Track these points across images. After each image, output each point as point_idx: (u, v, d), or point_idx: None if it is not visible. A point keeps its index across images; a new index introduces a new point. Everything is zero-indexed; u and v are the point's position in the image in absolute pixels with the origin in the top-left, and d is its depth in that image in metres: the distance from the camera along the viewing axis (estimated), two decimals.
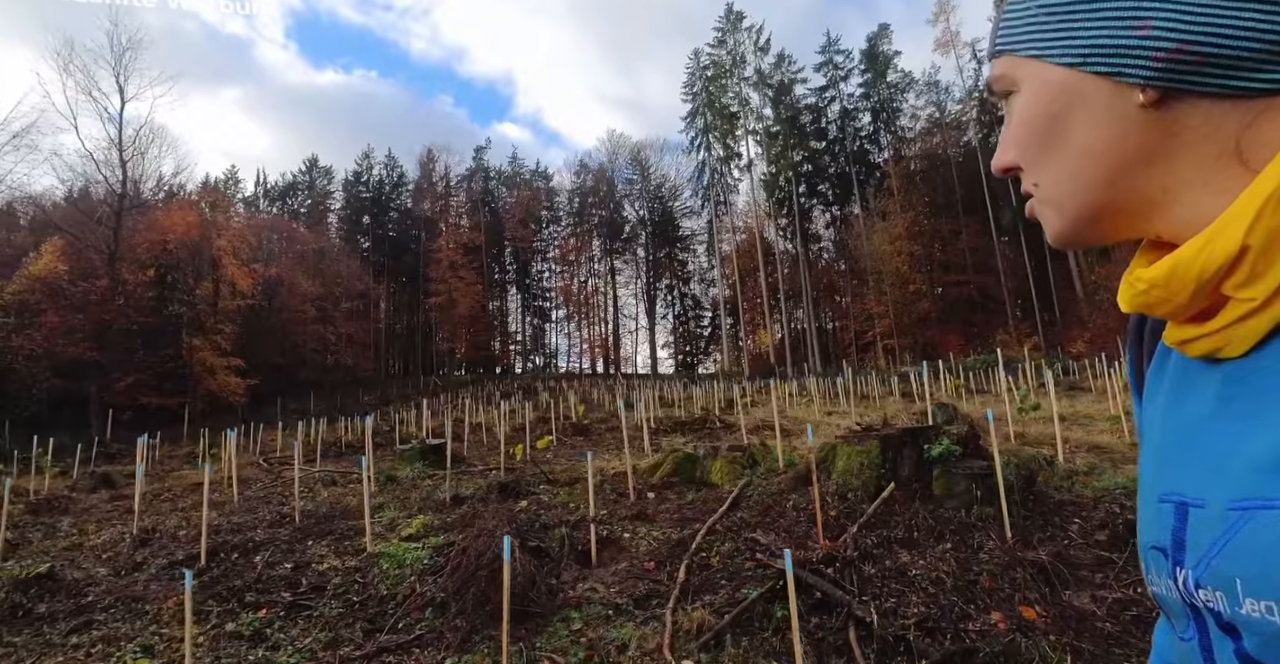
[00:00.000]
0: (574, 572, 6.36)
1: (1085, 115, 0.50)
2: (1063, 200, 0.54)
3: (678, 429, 14.23)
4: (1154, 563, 0.53)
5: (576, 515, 7.58)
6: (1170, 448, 0.53)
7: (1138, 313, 0.58)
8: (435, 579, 6.05)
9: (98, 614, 6.10)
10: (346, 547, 7.16)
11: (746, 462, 8.85)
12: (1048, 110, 0.53)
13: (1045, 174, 0.54)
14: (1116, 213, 0.52)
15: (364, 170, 64.80)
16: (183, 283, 35.68)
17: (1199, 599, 0.47)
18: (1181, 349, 0.52)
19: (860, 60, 50.75)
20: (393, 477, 10.15)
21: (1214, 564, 0.45)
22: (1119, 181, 0.50)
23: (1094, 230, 0.54)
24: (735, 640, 4.67)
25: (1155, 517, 0.52)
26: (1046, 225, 0.56)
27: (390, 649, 5.06)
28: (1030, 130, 0.54)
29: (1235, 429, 0.46)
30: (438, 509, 8.15)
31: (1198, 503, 0.48)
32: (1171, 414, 0.55)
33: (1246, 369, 0.47)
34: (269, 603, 5.97)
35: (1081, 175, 0.51)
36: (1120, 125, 0.49)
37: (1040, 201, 0.56)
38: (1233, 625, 0.44)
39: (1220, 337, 0.48)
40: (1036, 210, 0.57)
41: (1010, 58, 0.55)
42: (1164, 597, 0.52)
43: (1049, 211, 0.55)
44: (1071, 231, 0.55)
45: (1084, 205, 0.53)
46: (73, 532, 8.73)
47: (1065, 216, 0.54)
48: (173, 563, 7.04)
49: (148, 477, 14.81)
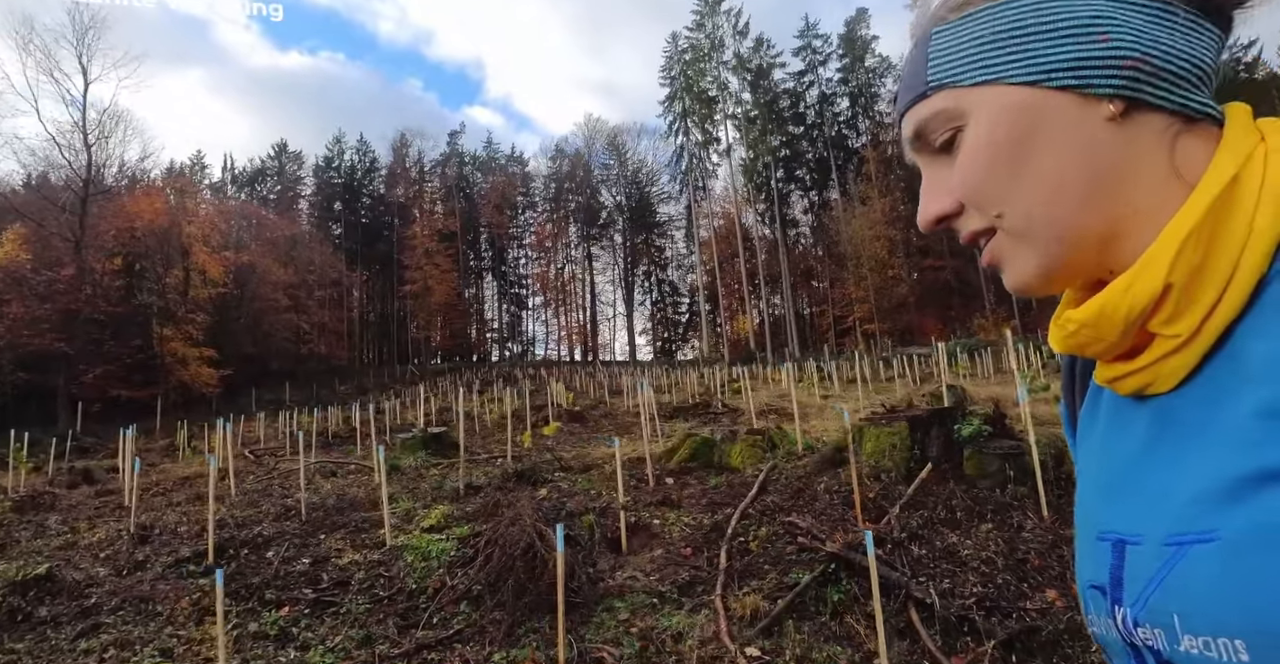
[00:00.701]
0: (609, 560, 6.19)
1: (1053, 134, 0.48)
2: (1036, 231, 0.50)
3: (678, 414, 14.07)
4: (1093, 602, 0.52)
5: (601, 502, 7.39)
6: (1106, 486, 0.53)
7: (1068, 353, 0.56)
8: (466, 571, 5.84)
9: (105, 617, 5.78)
10: (364, 539, 6.88)
11: (766, 445, 8.72)
12: (1011, 134, 0.49)
13: (1014, 204, 0.50)
14: (1093, 240, 0.49)
15: (335, 155, 63.37)
16: (151, 271, 34.57)
17: (1138, 638, 0.46)
18: (1112, 387, 0.52)
19: (838, 45, 50.65)
20: (395, 466, 9.83)
21: (1151, 601, 0.44)
22: (1094, 202, 0.48)
23: (1071, 263, 0.50)
24: (796, 626, 4.56)
25: (1093, 555, 0.52)
26: (1018, 265, 0.52)
27: (430, 645, 4.86)
28: (993, 157, 0.50)
29: (1166, 464, 0.46)
30: (453, 499, 7.89)
31: (1135, 540, 0.47)
32: (1105, 452, 0.54)
33: (1174, 405, 0.47)
34: (291, 600, 5.71)
35: (1059, 198, 0.48)
36: (1090, 141, 0.48)
37: (1010, 237, 0.51)
38: (1172, 663, 0.43)
39: (1148, 373, 0.48)
40: (1003, 252, 0.52)
41: (953, 90, 0.52)
42: (1104, 637, 0.51)
43: (1021, 248, 0.51)
44: (1048, 265, 0.50)
45: (1064, 232, 0.49)
46: (64, 529, 8.32)
47: (1039, 250, 0.50)
48: (179, 561, 6.70)
49: (122, 474, 14.29)
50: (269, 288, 45.57)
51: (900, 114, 0.59)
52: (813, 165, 52.52)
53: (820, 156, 51.42)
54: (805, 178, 53.42)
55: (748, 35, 50.99)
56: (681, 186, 56.67)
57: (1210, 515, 0.41)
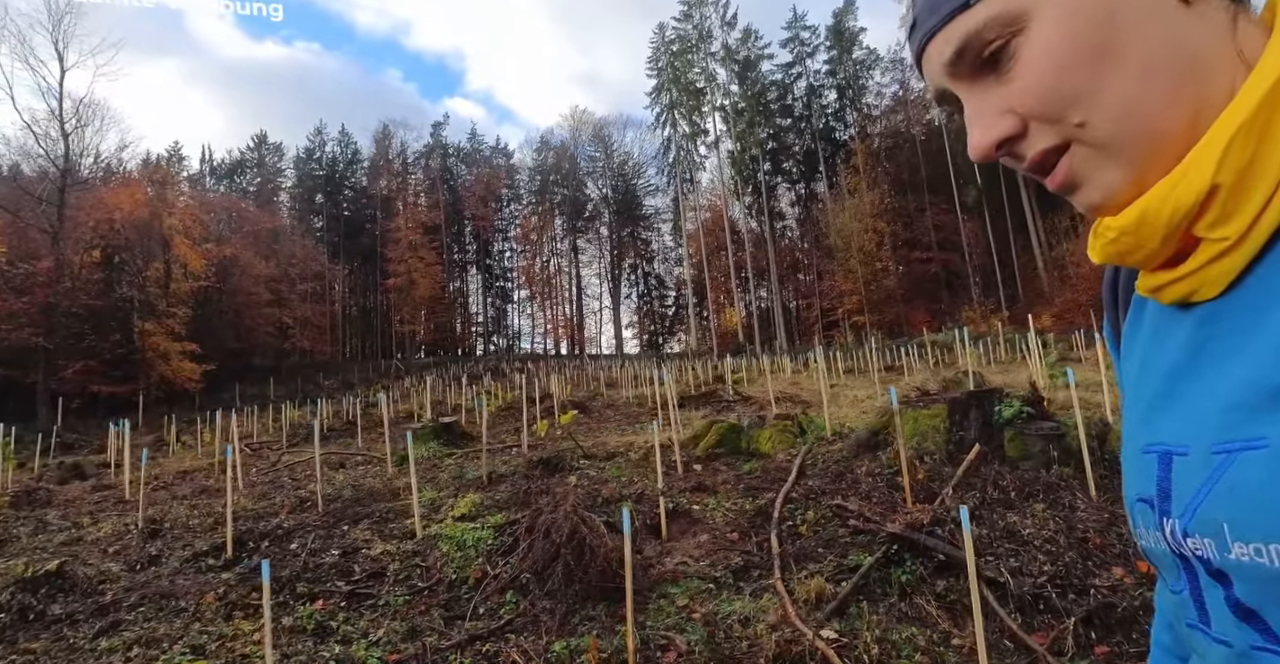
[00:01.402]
0: (653, 546, 6.00)
1: (1131, 18, 0.44)
2: (1130, 132, 0.45)
3: (685, 404, 13.87)
4: (1140, 516, 0.51)
5: (634, 489, 7.17)
6: (1151, 398, 0.52)
7: (1110, 263, 0.54)
8: (507, 560, 5.63)
9: (124, 614, 5.49)
10: (392, 530, 6.62)
11: (796, 430, 8.56)
12: (1089, 24, 0.45)
13: (1102, 104, 0.45)
14: (1181, 135, 0.44)
15: (316, 147, 62.35)
16: (131, 264, 33.71)
17: (1188, 548, 0.45)
18: (1155, 297, 0.50)
19: (826, 36, 50.52)
20: (407, 457, 9.53)
21: (1200, 510, 0.43)
22: (1182, 92, 0.44)
23: (1161, 165, 0.45)
24: (866, 608, 4.44)
25: (1140, 468, 0.51)
26: (1106, 178, 0.47)
27: (482, 636, 4.66)
28: (1071, 55, 0.45)
29: (1213, 372, 0.45)
30: (478, 488, 7.64)
31: (1181, 451, 0.46)
32: (1150, 364, 0.53)
33: (1221, 310, 0.45)
34: (324, 593, 5.46)
35: (1147, 90, 0.44)
36: (1168, 23, 0.44)
37: (1093, 149, 0.47)
38: (1223, 572, 0.43)
39: (1194, 280, 0.46)
40: (1085, 167, 0.48)
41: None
42: (1153, 549, 0.50)
43: (1108, 158, 0.46)
44: (1144, 170, 0.46)
45: (1156, 129, 0.45)
46: (66, 525, 7.96)
47: (1135, 153, 0.46)
48: (196, 555, 6.40)
49: (114, 469, 13.87)
50: (250, 281, 44.75)
51: (927, 38, 0.51)
52: (800, 158, 52.44)
53: (808, 149, 51.33)
54: (792, 170, 53.35)
55: (736, 26, 50.83)
56: (669, 179, 56.43)
57: (1259, 422, 0.40)
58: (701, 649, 4.21)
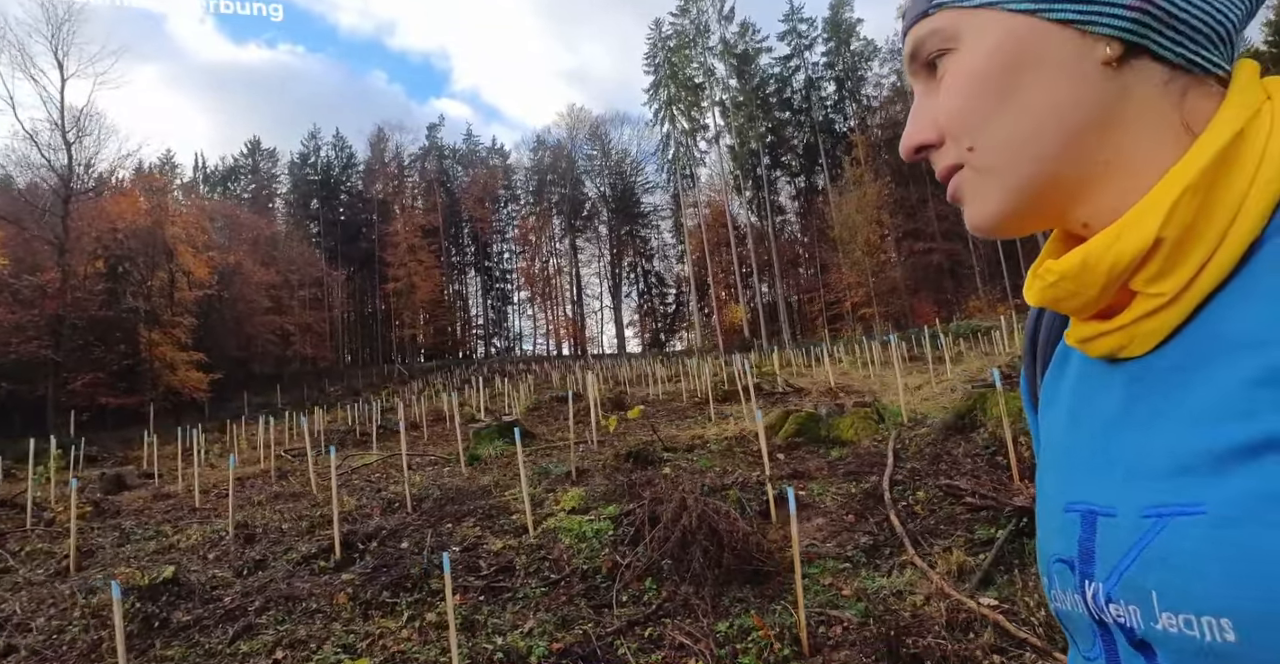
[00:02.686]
0: (775, 530, 5.98)
1: (1044, 68, 0.46)
2: (1002, 170, 0.47)
3: (728, 399, 13.84)
4: (1059, 577, 0.49)
5: (733, 478, 7.14)
6: (1074, 455, 0.50)
7: (1044, 306, 0.52)
8: (634, 549, 5.58)
9: (254, 618, 5.40)
10: (501, 526, 6.55)
11: (876, 418, 8.54)
12: (1003, 62, 0.47)
13: (990, 136, 0.48)
14: (1058, 186, 0.47)
15: (311, 152, 61.81)
16: (135, 274, 33.30)
17: (1109, 614, 0.44)
18: (1083, 348, 0.49)
19: (823, 28, 50.55)
20: (476, 456, 9.46)
21: (1127, 576, 0.42)
22: (1072, 147, 0.45)
23: (1031, 207, 0.48)
24: (1012, 577, 4.48)
25: (1060, 527, 0.49)
26: (979, 201, 0.49)
27: (639, 622, 4.67)
28: (977, 85, 0.48)
29: (1142, 432, 0.44)
30: (569, 483, 7.57)
31: (1108, 511, 0.45)
32: (1074, 419, 0.51)
33: (1151, 368, 0.45)
34: (459, 589, 5.39)
35: (1037, 136, 0.46)
36: (1079, 83, 0.45)
37: (978, 171, 0.49)
38: (1146, 642, 0.42)
39: (1124, 334, 0.45)
40: (967, 185, 0.50)
41: (953, 10, 0.49)
42: (1069, 613, 0.49)
43: (988, 183, 0.49)
44: (1008, 206, 0.48)
45: (1028, 176, 0.47)
46: (149, 534, 7.82)
47: (1001, 190, 0.48)
48: (306, 558, 6.30)
49: (159, 478, 13.72)
50: (251, 289, 44.33)
51: (904, 32, 0.54)
52: (800, 151, 52.47)
53: (808, 142, 51.36)
54: (793, 164, 53.38)
55: (733, 20, 50.76)
56: (669, 175, 56.34)
57: (1196, 487, 0.39)
58: (863, 624, 4.22)
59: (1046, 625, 3.87)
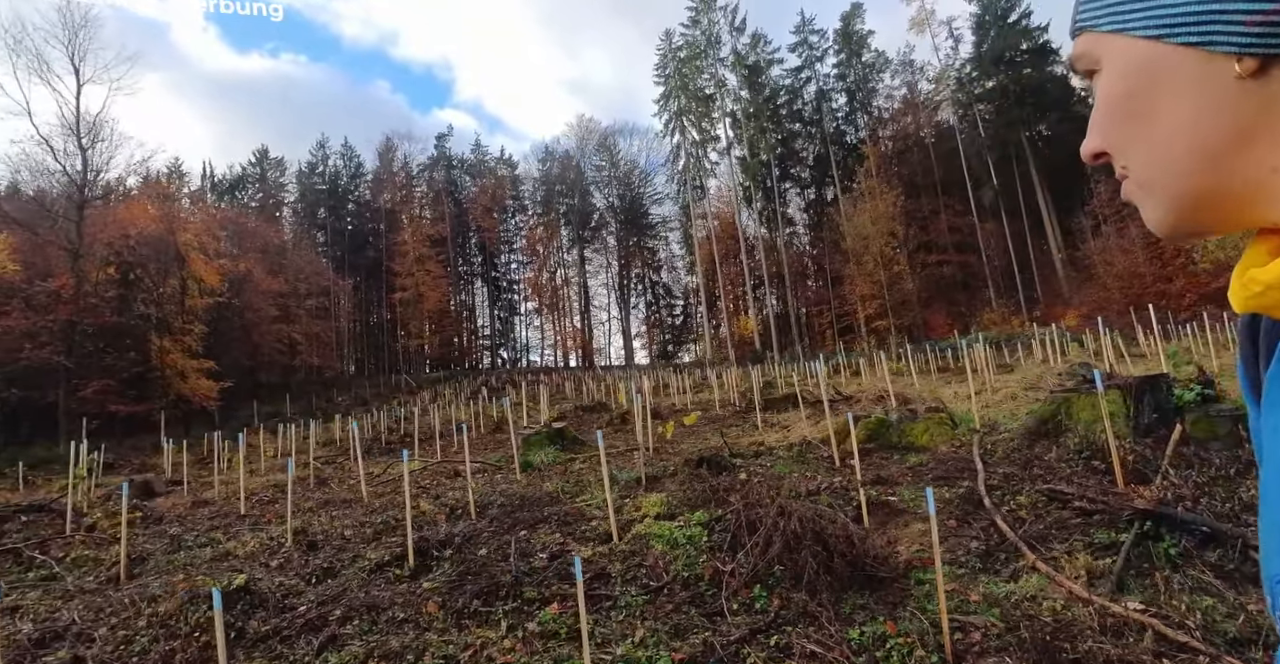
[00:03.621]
0: (879, 536, 5.72)
1: (1173, 92, 0.45)
2: (1156, 186, 0.48)
3: (770, 406, 13.56)
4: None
5: (815, 484, 6.86)
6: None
7: (1250, 313, 0.51)
8: (737, 554, 5.33)
9: (337, 628, 5.08)
10: (583, 532, 6.26)
11: (950, 424, 8.27)
12: (1131, 88, 0.48)
13: (1134, 158, 0.49)
14: (1221, 200, 0.46)
15: (319, 161, 61.81)
16: (146, 280, 33.04)
17: None
18: None
19: (834, 40, 50.66)
20: (529, 463, 9.16)
21: None
22: (1219, 163, 0.45)
23: (1199, 219, 0.48)
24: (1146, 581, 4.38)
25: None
26: (1145, 212, 0.51)
27: (761, 630, 4.39)
28: (1113, 110, 0.49)
29: None
30: (644, 489, 7.28)
31: None
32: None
33: None
34: (553, 597, 5.10)
35: (1175, 160, 0.46)
36: (1215, 100, 0.44)
37: (1134, 186, 0.51)
38: None
39: None
40: (1133, 195, 0.51)
41: (1091, 34, 0.51)
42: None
43: (1145, 198, 0.50)
44: (1173, 220, 0.49)
45: (1183, 192, 0.47)
46: (201, 541, 7.50)
47: (1162, 204, 0.49)
48: (379, 566, 5.99)
49: (183, 485, 13.42)
50: (259, 297, 44.09)
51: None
52: (810, 163, 52.44)
53: (819, 153, 51.33)
54: (804, 175, 53.34)
55: (745, 31, 50.86)
56: (679, 186, 56.21)
57: None
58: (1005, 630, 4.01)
59: (1204, 628, 3.73)
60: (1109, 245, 32.68)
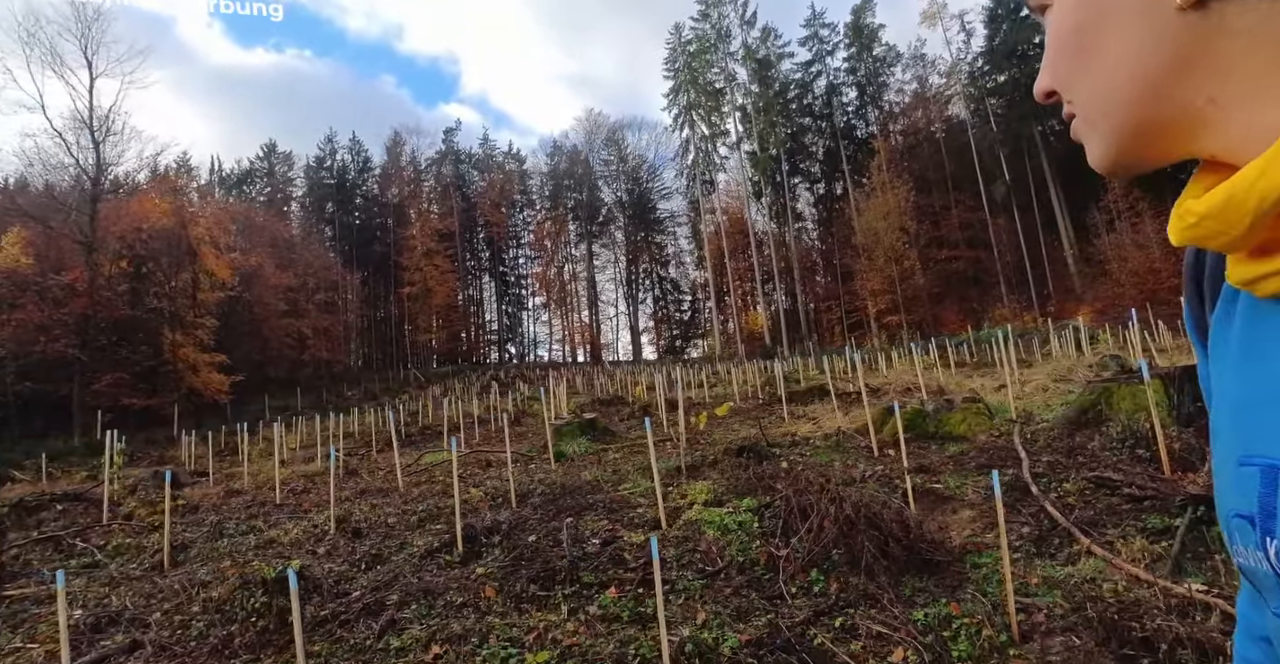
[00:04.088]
0: (931, 522, 5.72)
1: (1117, 23, 0.46)
2: (1099, 118, 0.49)
3: (796, 398, 13.55)
4: (1239, 532, 0.48)
5: (859, 471, 6.85)
6: (1249, 403, 0.47)
7: (1191, 246, 0.53)
8: (790, 540, 5.34)
9: (396, 612, 5.09)
10: (631, 519, 6.26)
11: (987, 414, 8.26)
12: (1077, 20, 0.49)
13: (1080, 91, 0.50)
14: (1160, 129, 0.47)
15: (326, 155, 61.75)
16: (158, 274, 33.10)
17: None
18: (1249, 289, 0.47)
19: (845, 34, 50.48)
20: (562, 453, 9.16)
21: None
22: (1159, 94, 0.45)
23: (1138, 151, 0.49)
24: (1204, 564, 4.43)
25: (1238, 481, 0.47)
26: (1089, 149, 0.51)
27: (824, 612, 4.45)
28: (1062, 45, 0.50)
29: None
30: (686, 477, 7.28)
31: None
32: (1248, 364, 0.48)
33: None
34: (611, 581, 5.12)
35: (1117, 88, 0.47)
36: (1156, 31, 0.45)
37: (1080, 122, 0.51)
38: None
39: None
40: (1079, 133, 0.52)
41: None
42: (1252, 568, 0.47)
43: (1089, 132, 0.51)
44: (1115, 153, 0.49)
45: (1123, 122, 0.48)
46: (242, 529, 7.52)
47: (1105, 137, 0.50)
48: (430, 552, 6.00)
49: (209, 476, 13.47)
50: (269, 292, 44.16)
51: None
52: (820, 157, 52.30)
53: (829, 148, 51.18)
54: (812, 170, 53.20)
55: (755, 25, 50.64)
56: (688, 181, 56.10)
57: None
58: (1069, 610, 4.03)
59: None
60: (1123, 241, 32.57)
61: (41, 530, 8.28)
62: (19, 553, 7.57)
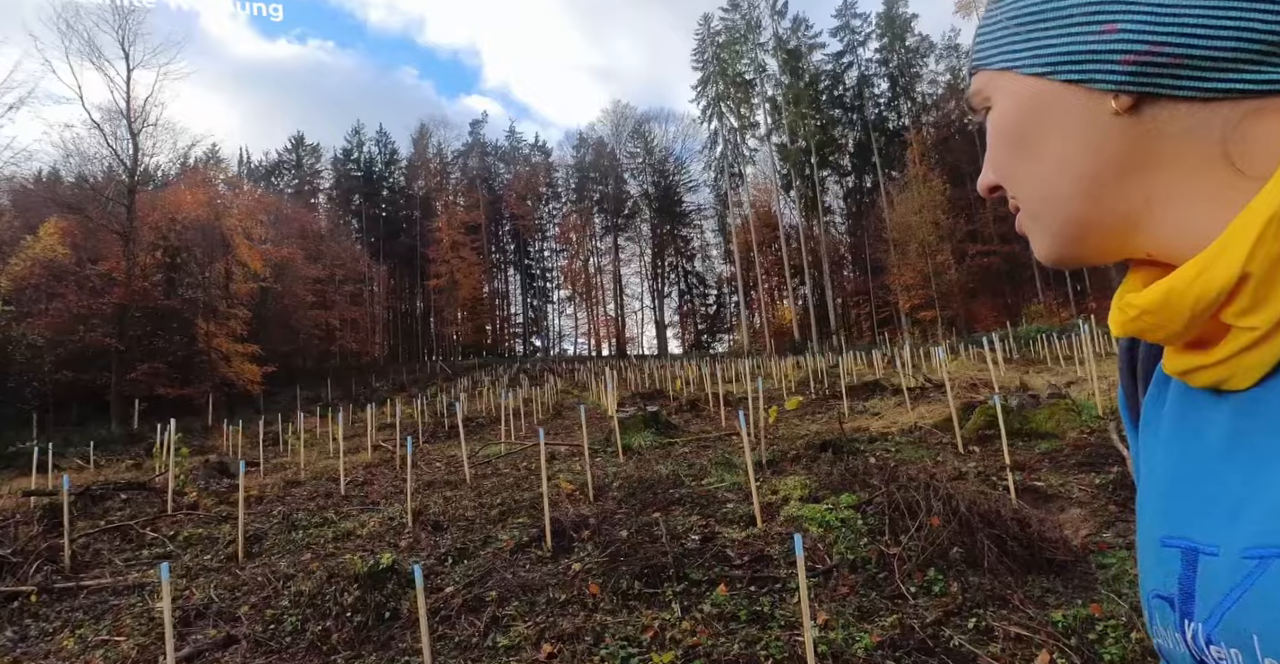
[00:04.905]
0: (1043, 522, 5.47)
1: (1057, 126, 0.47)
2: (1043, 215, 0.50)
3: (851, 394, 13.28)
4: (1159, 613, 0.48)
5: (955, 468, 6.60)
6: (1176, 486, 0.48)
7: (1130, 336, 0.52)
8: (899, 537, 5.12)
9: (497, 609, 4.92)
10: (723, 515, 6.05)
11: (1075, 410, 7.97)
12: (1018, 123, 0.50)
13: (1022, 189, 0.51)
14: (1101, 229, 0.48)
15: (354, 147, 62.00)
16: (192, 265, 33.35)
17: (1210, 656, 0.43)
18: (1185, 379, 0.48)
19: (877, 24, 49.70)
20: (629, 446, 8.98)
21: (1228, 618, 0.41)
22: (1097, 194, 0.47)
23: (1080, 248, 0.50)
24: None
25: (1159, 562, 0.48)
26: (1033, 242, 0.52)
27: (954, 612, 4.25)
28: (1004, 144, 0.51)
29: (1249, 468, 0.42)
30: (770, 471, 7.07)
31: (1210, 550, 0.43)
32: (1176, 448, 0.49)
33: (1259, 402, 0.43)
34: (719, 579, 4.92)
35: (1058, 189, 0.48)
36: (1094, 134, 0.46)
37: (1024, 217, 0.53)
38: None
39: (1224, 368, 0.44)
40: (1024, 226, 0.53)
41: (985, 72, 0.52)
42: (1170, 651, 0.47)
43: (1033, 226, 0.52)
44: (1059, 249, 0.51)
45: (1065, 222, 0.49)
46: (316, 521, 7.40)
47: (1048, 233, 0.51)
48: (520, 546, 5.83)
49: (259, 466, 13.45)
50: (299, 283, 44.45)
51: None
52: (851, 150, 51.64)
53: (860, 140, 50.52)
54: (843, 163, 52.55)
55: (786, 15, 50.01)
56: (716, 173, 55.65)
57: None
58: None
59: None
60: None
61: (108, 520, 8.22)
62: (88, 542, 7.50)
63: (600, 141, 62.41)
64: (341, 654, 4.63)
